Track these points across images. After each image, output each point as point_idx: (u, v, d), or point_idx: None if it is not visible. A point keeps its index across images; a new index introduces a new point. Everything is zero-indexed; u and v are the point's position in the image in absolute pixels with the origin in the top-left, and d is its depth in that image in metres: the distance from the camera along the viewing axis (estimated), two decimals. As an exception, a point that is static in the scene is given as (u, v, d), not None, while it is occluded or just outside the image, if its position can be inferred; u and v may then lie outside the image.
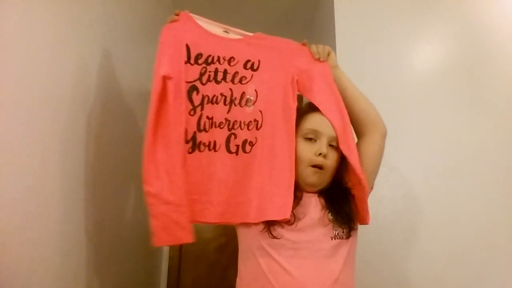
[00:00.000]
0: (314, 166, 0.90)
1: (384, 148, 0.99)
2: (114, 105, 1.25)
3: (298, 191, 0.91)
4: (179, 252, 2.28)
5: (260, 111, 0.97)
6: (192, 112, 0.93)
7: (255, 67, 1.00)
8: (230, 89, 0.97)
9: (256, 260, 0.86)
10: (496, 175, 1.36)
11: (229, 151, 0.94)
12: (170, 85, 0.91)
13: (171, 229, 0.85)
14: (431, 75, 1.51)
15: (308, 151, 0.92)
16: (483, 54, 1.51)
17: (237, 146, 0.94)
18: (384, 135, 1.01)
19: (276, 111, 0.97)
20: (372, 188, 0.99)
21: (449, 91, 1.47)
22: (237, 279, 0.93)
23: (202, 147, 0.93)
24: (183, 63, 0.95)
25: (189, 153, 0.91)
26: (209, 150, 0.93)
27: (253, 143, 0.95)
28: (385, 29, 1.57)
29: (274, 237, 0.85)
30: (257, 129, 0.96)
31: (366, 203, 0.92)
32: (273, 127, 0.95)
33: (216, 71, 0.97)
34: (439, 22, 1.57)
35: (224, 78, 0.98)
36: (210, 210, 0.90)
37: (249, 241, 0.90)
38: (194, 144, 0.92)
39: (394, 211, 1.33)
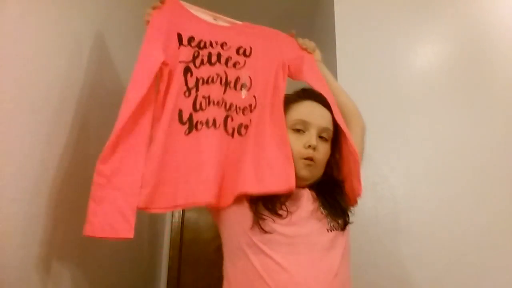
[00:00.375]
0: (304, 159, 0.86)
1: (365, 142, 1.01)
2: (116, 105, 1.25)
3: None
4: (179, 252, 2.28)
5: (254, 96, 0.96)
6: (186, 94, 0.90)
7: (247, 53, 1.00)
8: (225, 72, 0.96)
9: (247, 258, 0.79)
10: (496, 175, 1.36)
11: (226, 131, 0.91)
12: (165, 70, 0.88)
13: (112, 219, 0.74)
14: (431, 75, 1.51)
15: (296, 144, 0.87)
16: (483, 54, 1.51)
17: (233, 128, 0.92)
18: (363, 128, 1.03)
19: (268, 95, 0.96)
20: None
21: (449, 91, 1.47)
22: (224, 283, 0.85)
23: (199, 125, 0.89)
24: (176, 48, 0.93)
25: (186, 134, 0.87)
26: (208, 127, 0.89)
27: (248, 126, 0.93)
28: (385, 29, 1.57)
29: (266, 232, 0.79)
30: (251, 112, 0.95)
31: (359, 177, 0.88)
32: (265, 107, 0.94)
33: (209, 55, 0.96)
34: (439, 22, 1.57)
35: (218, 60, 0.97)
36: (208, 190, 0.83)
37: (237, 238, 0.82)
38: (191, 125, 0.88)
39: (394, 211, 1.33)
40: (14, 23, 0.75)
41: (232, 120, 0.92)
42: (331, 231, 0.83)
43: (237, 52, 1.00)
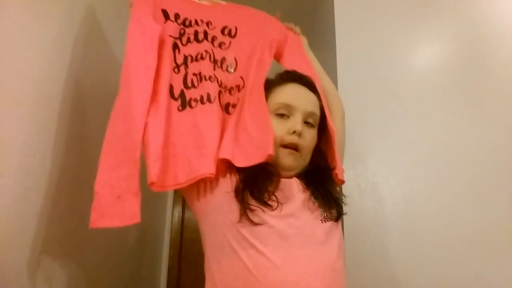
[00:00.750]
0: (286, 146, 0.79)
1: (345, 130, 1.00)
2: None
3: (274, 175, 0.79)
4: (179, 252, 2.28)
5: (241, 77, 0.94)
6: (176, 70, 0.88)
7: (232, 34, 0.99)
8: (212, 50, 0.94)
9: (235, 254, 0.71)
10: (496, 174, 1.35)
11: (220, 106, 0.88)
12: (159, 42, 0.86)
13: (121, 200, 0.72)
14: (431, 75, 1.51)
15: (279, 129, 0.80)
16: (483, 54, 1.51)
17: (222, 105, 0.90)
18: (343, 116, 1.00)
19: (252, 72, 0.93)
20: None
21: (449, 90, 1.47)
22: (207, 283, 0.76)
23: (193, 103, 0.85)
24: (163, 23, 0.91)
25: (179, 110, 0.84)
26: (203, 103, 0.86)
27: (236, 104, 0.91)
28: (385, 29, 1.57)
29: (256, 224, 0.71)
30: (238, 91, 0.93)
31: (338, 158, 0.85)
32: (248, 85, 0.91)
33: (196, 33, 0.95)
34: (438, 22, 1.57)
35: (205, 38, 0.95)
36: (206, 162, 0.78)
37: (223, 232, 0.74)
38: (183, 102, 0.85)
39: (394, 211, 1.33)
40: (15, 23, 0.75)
41: (222, 96, 0.90)
42: (325, 221, 0.77)
43: (222, 32, 0.98)
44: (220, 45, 0.96)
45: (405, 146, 1.40)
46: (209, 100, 0.86)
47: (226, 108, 0.90)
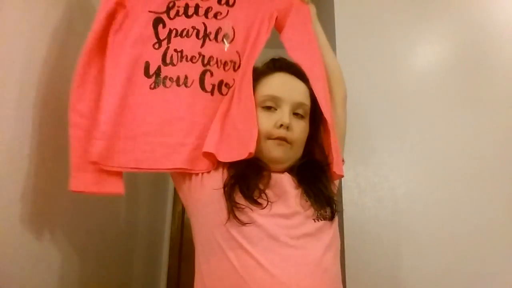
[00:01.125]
0: (274, 139, 0.76)
1: (347, 113, 0.94)
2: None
3: (265, 170, 0.75)
4: (179, 252, 2.27)
5: (237, 51, 0.88)
6: (156, 46, 0.83)
7: (230, 3, 0.92)
8: (204, 23, 0.88)
9: (224, 254, 0.69)
10: (496, 174, 1.35)
11: (203, 89, 0.82)
12: (120, 12, 0.80)
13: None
14: (431, 75, 1.51)
15: (266, 123, 0.76)
16: (483, 54, 1.51)
17: (213, 85, 0.83)
18: (345, 98, 0.94)
19: (247, 50, 0.86)
20: (343, 161, 0.88)
21: (449, 90, 1.47)
22: (197, 281, 0.75)
23: (168, 82, 0.81)
24: None
25: (151, 88, 0.80)
26: (178, 85, 0.81)
27: (230, 85, 0.84)
28: (385, 29, 1.57)
29: (244, 224, 0.68)
30: (234, 70, 0.86)
31: (337, 151, 0.79)
32: (243, 67, 0.84)
33: (186, 6, 0.88)
34: (439, 22, 1.57)
35: (195, 12, 0.88)
36: (179, 154, 0.76)
37: (212, 230, 0.72)
38: (157, 79, 0.81)
39: (394, 211, 1.33)
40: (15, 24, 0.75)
41: (211, 75, 0.84)
42: (317, 220, 0.74)
43: (219, 1, 0.91)
44: (215, 15, 0.89)
45: (405, 146, 1.40)
46: (185, 83, 0.81)
47: (219, 87, 0.84)
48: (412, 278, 1.27)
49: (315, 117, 0.84)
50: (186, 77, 0.82)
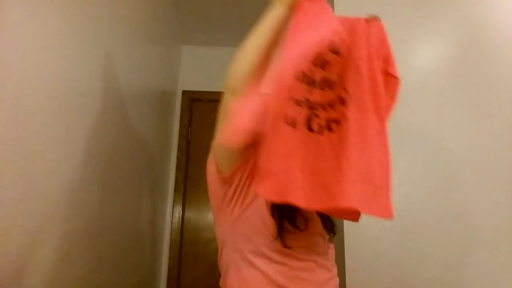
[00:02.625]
0: None
1: None
2: (115, 105, 1.25)
3: None
4: (179, 253, 2.28)
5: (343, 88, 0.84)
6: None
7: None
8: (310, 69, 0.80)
9: (254, 266, 0.73)
10: (496, 174, 1.36)
11: (311, 130, 0.76)
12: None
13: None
14: (431, 75, 1.51)
15: None
16: (483, 54, 1.51)
17: (320, 125, 0.78)
18: None
19: (364, 86, 0.84)
20: None
21: (449, 90, 1.47)
22: (234, 282, 0.78)
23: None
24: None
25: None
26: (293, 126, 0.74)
27: (340, 120, 0.79)
28: (385, 29, 1.57)
29: (286, 247, 0.72)
30: (342, 104, 0.81)
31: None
32: (361, 99, 0.81)
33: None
34: (439, 22, 1.57)
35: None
36: (297, 191, 0.69)
37: (246, 245, 0.76)
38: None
39: (394, 211, 1.33)
40: (16, 25, 0.75)
41: (317, 117, 0.79)
42: (329, 241, 0.82)
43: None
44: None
45: (405, 146, 1.40)
46: (293, 125, 0.75)
47: (328, 126, 0.79)
48: (412, 278, 1.27)
49: None
50: (294, 120, 0.78)
